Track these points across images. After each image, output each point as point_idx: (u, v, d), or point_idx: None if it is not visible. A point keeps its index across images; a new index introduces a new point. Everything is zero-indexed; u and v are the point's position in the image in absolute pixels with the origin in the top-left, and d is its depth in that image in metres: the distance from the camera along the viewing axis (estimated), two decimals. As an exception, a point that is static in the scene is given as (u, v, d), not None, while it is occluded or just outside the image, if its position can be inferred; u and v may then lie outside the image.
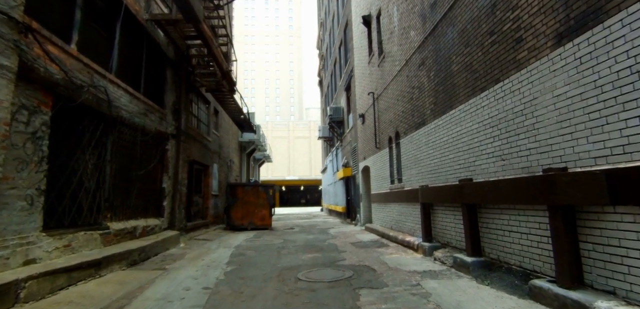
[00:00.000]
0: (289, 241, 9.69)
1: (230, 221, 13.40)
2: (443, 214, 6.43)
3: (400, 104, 8.96)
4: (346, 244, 8.60)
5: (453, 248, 6.04)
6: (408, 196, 8.28)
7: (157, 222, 8.64)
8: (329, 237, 10.40)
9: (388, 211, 10.11)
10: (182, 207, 10.36)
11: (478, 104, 5.23)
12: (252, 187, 13.89)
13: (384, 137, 10.49)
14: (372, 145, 11.98)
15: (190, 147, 11.22)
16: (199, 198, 13.11)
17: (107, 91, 6.42)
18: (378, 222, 11.36)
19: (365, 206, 13.73)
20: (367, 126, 12.69)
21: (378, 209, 11.37)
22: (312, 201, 54.45)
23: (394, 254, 6.84)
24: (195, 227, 11.97)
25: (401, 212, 8.88)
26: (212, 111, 14.55)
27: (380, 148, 10.99)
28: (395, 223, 9.38)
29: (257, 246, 8.66)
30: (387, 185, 10.16)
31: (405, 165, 8.58)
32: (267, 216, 13.71)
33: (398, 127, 9.16)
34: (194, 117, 12.32)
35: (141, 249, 6.67)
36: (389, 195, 9.88)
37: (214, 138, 14.81)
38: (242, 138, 20.79)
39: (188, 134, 10.97)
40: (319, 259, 6.64)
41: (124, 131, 7.21)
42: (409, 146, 8.33)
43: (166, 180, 9.26)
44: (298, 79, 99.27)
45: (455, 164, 5.95)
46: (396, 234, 8.57)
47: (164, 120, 9.17)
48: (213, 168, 14.34)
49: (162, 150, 9.17)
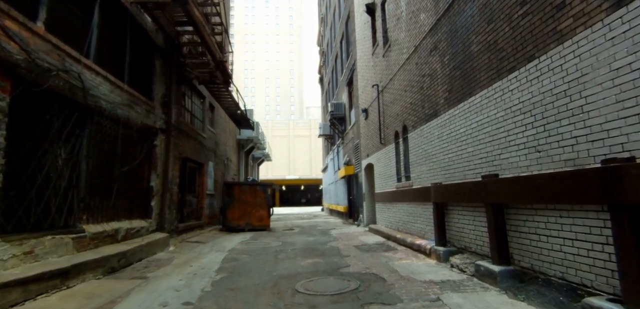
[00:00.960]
0: (288, 243, 8.99)
1: (226, 222, 12.70)
2: (460, 215, 5.72)
3: (408, 95, 8.24)
4: (349, 248, 7.89)
5: (472, 253, 5.33)
6: (417, 195, 7.57)
7: (143, 224, 7.94)
8: (331, 239, 9.69)
9: (394, 211, 9.39)
10: (173, 208, 9.66)
11: (505, 88, 4.51)
12: (250, 186, 13.20)
13: (390, 132, 9.77)
14: (376, 141, 11.26)
15: (182, 143, 10.52)
16: (192, 198, 12.41)
17: (81, 78, 5.71)
18: (383, 223, 10.65)
19: (368, 206, 13.02)
20: (371, 121, 11.97)
21: (383, 209, 10.65)
22: (312, 200, 53.74)
23: (404, 260, 6.12)
24: (189, 228, 11.27)
25: (409, 212, 8.17)
26: (208, 106, 13.85)
27: (385, 144, 10.27)
28: (403, 224, 8.66)
29: (253, 250, 7.95)
30: (393, 183, 9.45)
31: (414, 161, 7.86)
32: (265, 216, 13.01)
33: (405, 120, 8.45)
34: (186, 111, 11.61)
35: (121, 255, 5.97)
36: (396, 194, 9.17)
37: (210, 135, 14.10)
38: (240, 136, 20.08)
39: (180, 129, 10.26)
40: (320, 265, 5.92)
41: (103, 123, 6.50)
42: (418, 141, 7.61)
43: (154, 178, 8.55)
44: (298, 78, 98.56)
45: (475, 159, 5.23)
46: (404, 236, 7.85)
47: (151, 113, 8.46)
48: (208, 166, 13.63)
49: (150, 145, 8.46)
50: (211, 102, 14.31)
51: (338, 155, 20.19)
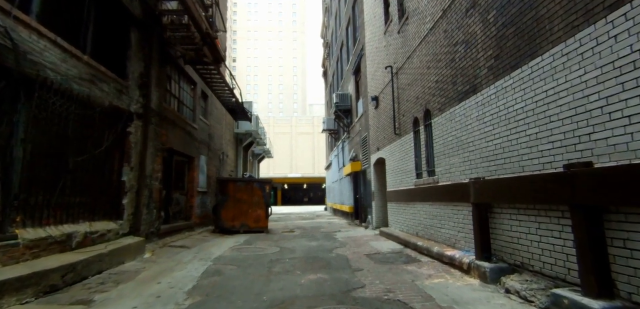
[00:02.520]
0: (287, 249, 7.59)
1: (219, 223, 11.33)
2: (514, 221, 4.27)
3: (432, 73, 6.80)
4: (360, 257, 6.47)
5: (536, 273, 3.88)
6: (445, 193, 6.13)
7: (111, 226, 6.56)
8: (336, 244, 8.28)
9: (412, 213, 7.95)
10: (154, 207, 8.28)
11: (600, 36, 3.06)
12: (246, 183, 11.82)
13: (407, 120, 8.33)
14: (388, 132, 9.82)
15: (166, 133, 9.14)
16: (180, 196, 11.04)
17: (10, 35, 4.32)
18: (397, 226, 9.21)
19: (378, 206, 11.59)
20: (383, 109, 10.53)
21: (397, 210, 9.22)
22: (315, 199, 52.39)
23: (436, 278, 4.69)
24: (175, 230, 9.90)
25: (433, 214, 6.73)
26: (199, 93, 12.46)
27: (400, 134, 8.83)
28: (424, 229, 7.23)
29: (244, 258, 6.55)
30: (411, 180, 8.01)
31: (441, 152, 6.42)
32: (262, 216, 11.62)
33: (428, 103, 7.00)
34: (173, 97, 10.23)
35: (69, 268, 4.59)
36: (414, 192, 7.73)
37: (202, 126, 12.72)
38: (238, 129, 18.70)
39: (163, 116, 8.88)
40: (325, 285, 4.51)
41: (50, 99, 5.11)
42: (446, 127, 6.17)
43: (127, 171, 7.17)
44: (301, 75, 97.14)
45: (543, 143, 3.78)
46: (428, 244, 6.42)
47: (124, 94, 7.08)
48: (200, 160, 12.26)
49: (121, 132, 7.08)
50: (204, 90, 12.93)
51: (343, 151, 18.77)
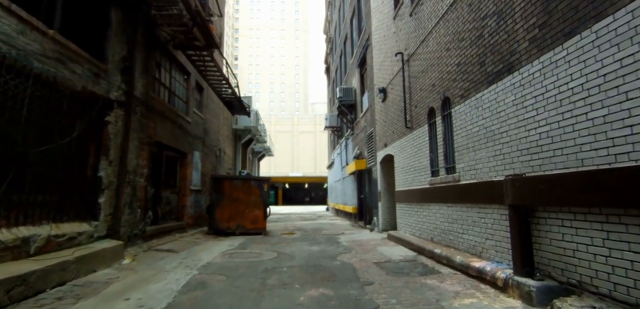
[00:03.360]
0: (285, 255, 6.74)
1: (214, 223, 10.51)
2: (568, 228, 3.40)
3: (452, 55, 5.93)
4: (369, 266, 5.62)
5: (603, 297, 3.02)
6: (468, 193, 5.27)
7: (84, 228, 5.74)
8: (341, 249, 7.42)
9: (426, 216, 7.09)
10: (138, 206, 7.47)
11: None
12: (243, 181, 10.98)
13: (420, 111, 7.46)
14: (398, 126, 8.96)
15: (154, 125, 8.32)
16: (172, 194, 10.21)
17: (-58, -8, 3.50)
18: (407, 230, 8.35)
19: (385, 207, 10.72)
20: (392, 102, 9.67)
21: (408, 212, 8.35)
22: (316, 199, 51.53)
23: (465, 297, 3.82)
24: (164, 231, 9.08)
25: (453, 218, 5.86)
26: (193, 85, 11.63)
27: (412, 128, 7.97)
28: (441, 234, 6.36)
29: (235, 267, 5.71)
30: (425, 178, 7.14)
31: (463, 146, 5.56)
32: (260, 217, 10.79)
33: (447, 90, 6.14)
34: (163, 87, 9.41)
35: (17, 280, 3.76)
36: (429, 192, 6.87)
37: (197, 120, 11.90)
38: (236, 125, 17.87)
39: (150, 106, 8.06)
40: (329, 305, 3.65)
41: (1, 77, 4.28)
42: (471, 116, 5.30)
43: (105, 166, 6.34)
44: (304, 73, 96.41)
45: (616, 128, 2.91)
46: (447, 252, 5.55)
47: (101, 78, 6.25)
48: (193, 157, 11.43)
49: (98, 121, 6.25)
50: (198, 82, 12.10)
51: (346, 148, 17.91)
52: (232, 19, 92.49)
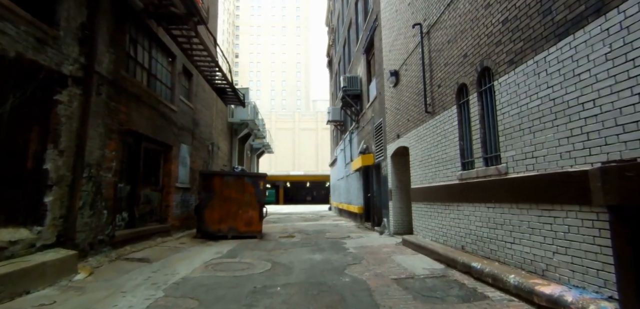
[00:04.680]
0: (281, 268, 5.43)
1: (202, 226, 9.23)
2: None
3: (495, 11, 4.60)
4: (388, 285, 4.31)
5: None
6: (521, 189, 3.95)
7: (21, 235, 4.45)
8: (349, 258, 6.11)
9: (455, 218, 5.76)
10: (103, 206, 6.19)
11: None
12: (236, 178, 9.69)
13: (445, 91, 6.14)
14: (415, 112, 7.64)
15: (128, 110, 7.04)
16: (153, 192, 8.92)
17: None
18: (427, 235, 7.03)
19: (397, 207, 9.41)
20: (406, 85, 8.34)
21: (427, 214, 7.03)
22: (318, 198, 50.30)
23: (547, 347, 2.51)
24: (143, 236, 7.80)
25: (496, 222, 4.54)
26: (180, 69, 10.33)
27: (434, 113, 6.65)
28: (477, 242, 5.04)
29: (215, 285, 4.41)
30: (453, 172, 5.82)
31: (513, 127, 4.23)
32: (255, 218, 9.50)
33: (488, 57, 4.81)
34: (141, 68, 8.11)
35: None
36: (459, 189, 5.55)
37: (184, 109, 10.61)
38: (232, 118, 16.58)
39: (121, 88, 6.77)
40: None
41: None
42: (527, 85, 3.98)
43: (53, 156, 5.05)
44: (305, 71, 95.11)
45: None
46: (490, 267, 4.22)
47: (49, 46, 4.95)
48: (180, 150, 10.15)
49: (43, 100, 4.96)
50: (186, 67, 10.80)
51: (351, 143, 16.59)
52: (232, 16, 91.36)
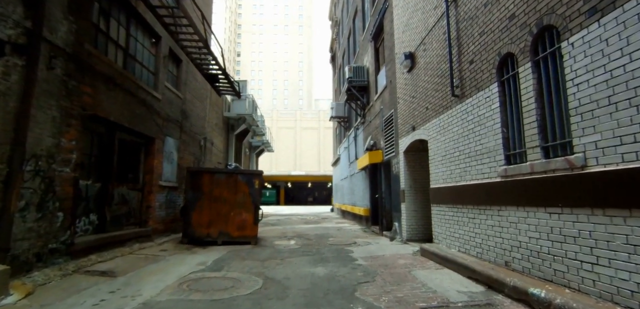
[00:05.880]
0: (274, 286, 4.24)
1: (189, 230, 8.08)
2: None
3: (562, -51, 3.40)
4: (420, 321, 3.12)
5: None
6: (611, 189, 2.75)
7: None
8: (359, 273, 4.91)
9: (495, 226, 4.56)
10: (57, 208, 5.02)
11: None
12: (227, 176, 8.51)
13: (481, 67, 4.94)
14: (437, 98, 6.45)
15: (93, 92, 5.88)
16: (131, 191, 7.76)
17: None
18: (454, 245, 5.82)
19: (411, 210, 8.20)
20: (424, 68, 7.15)
21: (454, 219, 5.83)
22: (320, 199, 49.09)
23: None
24: (115, 242, 6.64)
25: (565, 233, 3.33)
26: (166, 52, 9.17)
27: (463, 95, 5.45)
28: (532, 259, 3.83)
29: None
30: (492, 167, 4.62)
31: (598, 103, 3.03)
32: (249, 222, 8.33)
33: (549, 14, 3.60)
34: (115, 45, 6.96)
35: None
36: (503, 189, 4.35)
37: (171, 98, 9.45)
38: (228, 112, 15.43)
39: (85, 64, 5.62)
40: None
41: None
42: (626, 40, 2.78)
43: (-22, 142, 3.90)
44: (307, 70, 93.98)
45: None
46: (563, 298, 3.02)
47: (-28, -3, 3.80)
48: (165, 144, 8.98)
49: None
50: (174, 51, 9.65)
51: (356, 140, 15.39)
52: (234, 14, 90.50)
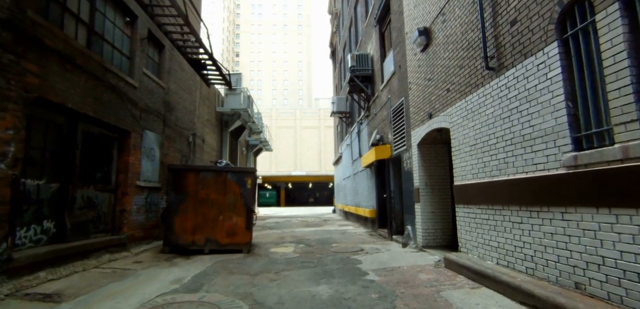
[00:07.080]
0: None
1: (171, 237, 6.98)
2: None
3: None
4: None
5: None
6: None
7: None
8: (373, 296, 3.77)
9: (553, 234, 3.43)
10: (-15, 215, 3.91)
11: None
12: (215, 174, 7.40)
13: (529, 26, 3.82)
14: (463, 76, 5.33)
15: (41, 70, 4.78)
16: (100, 193, 6.65)
17: None
18: (489, 255, 4.70)
19: (428, 212, 7.08)
20: (444, 43, 6.03)
21: (488, 222, 4.70)
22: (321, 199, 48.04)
23: None
24: (79, 253, 5.53)
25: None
26: (145, 35, 8.05)
27: (502, 67, 4.33)
28: (624, 281, 2.70)
29: None
30: (550, 156, 3.51)
31: None
32: (240, 226, 7.23)
33: None
34: (75, 19, 5.84)
35: None
36: (566, 184, 3.23)
37: (151, 87, 8.34)
38: (221, 107, 14.31)
39: (29, 35, 4.52)
40: None
41: None
42: None
43: None
44: (307, 69, 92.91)
45: None
46: None
47: None
48: (144, 139, 7.87)
49: None
50: (154, 34, 8.53)
51: (359, 136, 14.27)
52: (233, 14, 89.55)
